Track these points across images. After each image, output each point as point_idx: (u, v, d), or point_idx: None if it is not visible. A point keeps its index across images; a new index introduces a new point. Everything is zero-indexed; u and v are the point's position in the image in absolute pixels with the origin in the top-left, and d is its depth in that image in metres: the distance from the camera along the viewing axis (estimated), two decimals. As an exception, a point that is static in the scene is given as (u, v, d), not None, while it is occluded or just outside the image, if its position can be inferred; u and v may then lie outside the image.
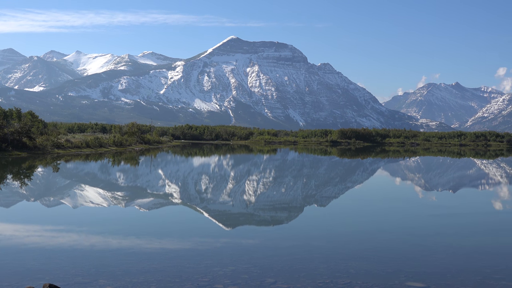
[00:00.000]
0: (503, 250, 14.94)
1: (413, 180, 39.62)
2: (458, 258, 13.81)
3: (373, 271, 12.40)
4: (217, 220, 19.14)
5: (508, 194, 31.04)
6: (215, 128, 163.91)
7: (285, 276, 11.89)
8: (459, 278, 11.97)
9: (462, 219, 20.82)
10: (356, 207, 23.56)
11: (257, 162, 57.55)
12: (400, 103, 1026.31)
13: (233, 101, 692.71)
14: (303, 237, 16.18)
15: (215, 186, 31.42)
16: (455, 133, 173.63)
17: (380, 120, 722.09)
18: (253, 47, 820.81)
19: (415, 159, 71.17)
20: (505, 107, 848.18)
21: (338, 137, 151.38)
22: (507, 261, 13.55)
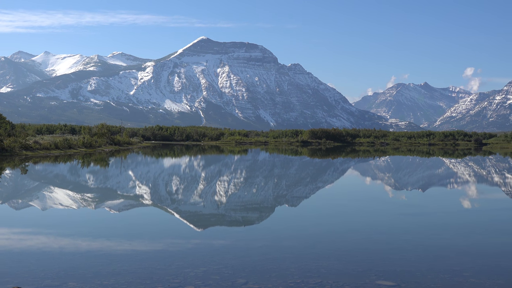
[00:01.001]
0: (472, 248, 15.14)
1: (383, 179, 39.94)
2: (428, 257, 13.94)
3: (344, 271, 12.47)
4: (188, 221, 19.08)
5: (476, 193, 31.46)
6: (185, 129, 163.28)
7: (256, 277, 11.89)
8: (429, 276, 12.09)
9: (432, 217, 21.04)
10: (327, 207, 23.67)
11: (228, 163, 57.52)
12: (370, 103, 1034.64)
13: (204, 102, 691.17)
14: (274, 238, 16.21)
15: (186, 187, 31.33)
16: (424, 133, 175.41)
17: (350, 120, 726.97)
18: (223, 47, 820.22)
19: (385, 159, 71.74)
20: (472, 107, 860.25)
21: (308, 137, 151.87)
22: (476, 259, 13.73)
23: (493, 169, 52.62)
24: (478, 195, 30.27)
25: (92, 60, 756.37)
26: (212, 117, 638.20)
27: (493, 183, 37.85)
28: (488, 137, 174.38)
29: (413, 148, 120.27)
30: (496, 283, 11.68)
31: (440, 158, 74.86)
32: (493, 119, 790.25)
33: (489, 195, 30.49)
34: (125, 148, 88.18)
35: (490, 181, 39.52)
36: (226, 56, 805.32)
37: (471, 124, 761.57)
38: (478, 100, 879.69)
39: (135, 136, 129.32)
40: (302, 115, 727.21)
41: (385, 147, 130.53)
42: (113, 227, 17.96)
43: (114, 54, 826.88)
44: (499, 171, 49.72)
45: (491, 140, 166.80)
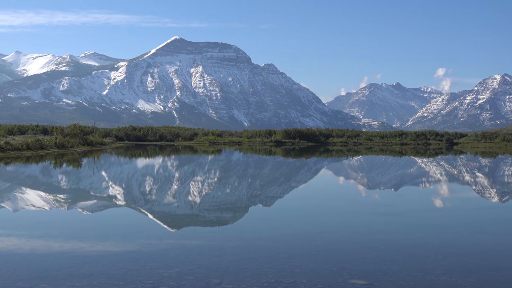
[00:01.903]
0: (443, 246, 15.30)
1: (356, 179, 40.18)
2: (400, 255, 14.08)
3: (318, 270, 12.53)
4: (161, 222, 19.02)
5: (447, 191, 31.81)
6: (159, 129, 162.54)
7: (230, 277, 11.90)
8: (401, 275, 12.20)
9: (404, 216, 21.24)
10: (300, 207, 23.75)
11: (201, 163, 57.42)
12: (343, 103, 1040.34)
13: (177, 102, 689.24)
14: (248, 238, 16.23)
15: (159, 188, 31.21)
16: (396, 133, 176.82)
17: (323, 120, 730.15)
18: (197, 47, 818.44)
19: (358, 158, 72.18)
20: (444, 107, 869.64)
21: (282, 137, 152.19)
22: (447, 257, 13.88)
23: (464, 168, 53.25)
24: (450, 194, 30.61)
25: (64, 60, 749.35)
26: (186, 117, 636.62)
27: (464, 182, 38.31)
28: (459, 136, 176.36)
29: (386, 148, 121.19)
30: (467, 281, 11.83)
31: (412, 158, 75.53)
32: (464, 119, 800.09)
33: (460, 194, 30.86)
34: (98, 148, 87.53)
35: (461, 180, 39.99)
36: (199, 56, 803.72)
37: (443, 123, 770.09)
38: (449, 100, 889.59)
39: (108, 137, 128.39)
40: (276, 115, 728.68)
41: (358, 146, 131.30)
42: (86, 228, 17.82)
43: (87, 54, 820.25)
44: (470, 170, 50.32)
45: (462, 139, 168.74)
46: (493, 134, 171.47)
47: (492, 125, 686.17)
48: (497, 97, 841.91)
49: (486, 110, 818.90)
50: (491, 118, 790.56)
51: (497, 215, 22.39)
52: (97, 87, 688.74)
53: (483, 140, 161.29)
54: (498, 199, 28.14)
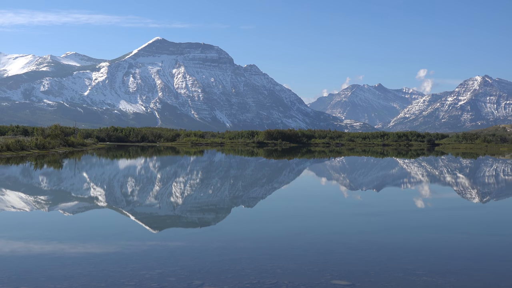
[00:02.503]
0: (424, 247, 15.38)
1: (338, 180, 40.30)
2: (382, 255, 14.13)
3: (300, 271, 12.54)
4: (143, 223, 18.93)
5: (429, 192, 31.99)
6: (141, 130, 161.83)
7: (212, 278, 11.87)
8: (383, 275, 12.25)
9: (386, 217, 21.32)
10: (282, 208, 23.76)
11: (184, 164, 57.28)
12: (325, 104, 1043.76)
13: (159, 103, 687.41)
14: (230, 239, 16.20)
15: (141, 189, 31.07)
16: (378, 134, 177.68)
17: (305, 121, 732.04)
18: (179, 48, 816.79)
19: (340, 159, 72.40)
20: (425, 108, 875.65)
21: (264, 138, 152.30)
22: (428, 257, 13.96)
23: (445, 169, 53.60)
24: (431, 195, 30.79)
25: (45, 60, 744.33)
26: (168, 118, 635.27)
27: (445, 183, 38.56)
28: (440, 137, 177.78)
29: (368, 149, 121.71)
30: (448, 281, 11.90)
31: (394, 159, 75.91)
32: (445, 120, 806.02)
33: (442, 195, 31.05)
34: (79, 149, 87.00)
35: (443, 181, 40.24)
36: (181, 57, 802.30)
37: (424, 125, 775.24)
38: (430, 101, 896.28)
39: (89, 138, 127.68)
40: (258, 116, 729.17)
41: (340, 147, 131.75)
42: (67, 230, 17.69)
43: (68, 54, 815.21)
44: (451, 171, 50.67)
45: (443, 140, 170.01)
46: (474, 135, 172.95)
47: (473, 126, 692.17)
48: (477, 98, 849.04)
49: (467, 111, 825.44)
50: (472, 119, 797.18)
51: (478, 215, 22.55)
52: (78, 88, 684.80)
53: (464, 141, 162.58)
54: (479, 199, 28.34)
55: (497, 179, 42.39)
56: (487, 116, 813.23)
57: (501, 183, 38.94)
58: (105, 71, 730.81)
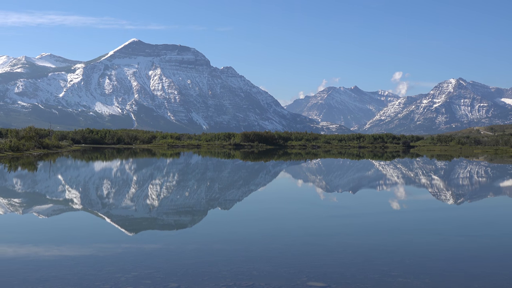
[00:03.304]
0: (400, 248, 15.50)
1: (314, 182, 40.43)
2: (358, 257, 14.20)
3: (276, 273, 12.56)
4: (119, 225, 18.82)
5: (404, 194, 32.22)
6: (117, 132, 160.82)
7: (188, 280, 11.85)
8: (359, 277, 12.32)
9: (362, 219, 21.43)
10: (259, 210, 23.78)
11: (160, 166, 57.05)
12: (301, 106, 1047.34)
13: (135, 105, 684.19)
14: (207, 241, 16.17)
15: (117, 191, 30.88)
16: (354, 136, 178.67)
17: (282, 123, 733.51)
18: (155, 50, 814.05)
19: (316, 161, 72.64)
20: (401, 110, 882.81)
21: (241, 140, 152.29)
22: (403, 259, 14.06)
23: (421, 171, 54.03)
24: (406, 196, 31.02)
25: (19, 62, 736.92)
26: (144, 120, 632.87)
27: (420, 185, 38.86)
28: (415, 139, 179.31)
29: (344, 151, 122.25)
30: (423, 282, 12.01)
31: (369, 161, 76.33)
32: (420, 122, 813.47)
33: (417, 197, 31.29)
34: (54, 151, 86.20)
35: (418, 183, 40.56)
36: (158, 59, 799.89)
37: (400, 127, 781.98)
38: (406, 104, 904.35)
39: (64, 140, 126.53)
40: (235, 118, 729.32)
41: (316, 149, 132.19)
42: (41, 233, 17.53)
43: (43, 55, 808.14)
44: (426, 173, 51.08)
45: (418, 142, 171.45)
46: (449, 137, 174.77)
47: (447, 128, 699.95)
48: (452, 101, 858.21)
49: (442, 114, 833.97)
50: (446, 122, 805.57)
51: (452, 217, 22.76)
52: (53, 89, 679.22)
53: (439, 143, 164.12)
54: (453, 201, 28.61)
55: (471, 180, 42.84)
56: (461, 118, 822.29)
57: (475, 184, 39.37)
58: (80, 72, 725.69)
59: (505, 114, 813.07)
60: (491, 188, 36.89)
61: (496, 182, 42.56)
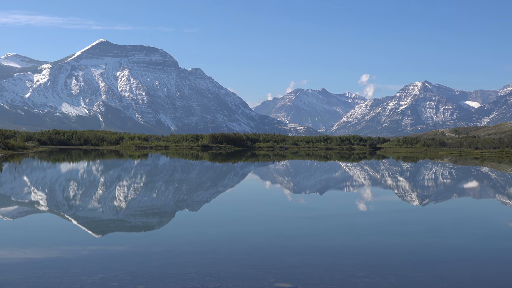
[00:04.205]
0: (366, 249, 15.66)
1: (282, 183, 40.56)
2: (324, 258, 14.31)
3: (243, 274, 12.60)
4: (86, 227, 18.67)
5: (370, 195, 32.51)
6: (84, 133, 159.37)
7: (155, 282, 11.82)
8: (325, 278, 12.42)
9: (329, 220, 21.58)
10: (227, 211, 23.77)
11: (127, 168, 56.67)
12: (269, 108, 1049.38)
13: (103, 106, 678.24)
14: (174, 243, 16.14)
15: (84, 193, 30.60)
16: (321, 137, 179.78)
17: (250, 124, 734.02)
18: (123, 50, 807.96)
19: (284, 163, 72.86)
20: (367, 112, 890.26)
21: (209, 142, 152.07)
22: (369, 260, 14.22)
23: (387, 173, 54.57)
24: (373, 197, 31.31)
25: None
26: (111, 121, 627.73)
27: (386, 186, 39.25)
28: (382, 141, 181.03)
29: (311, 152, 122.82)
30: (389, 283, 12.16)
31: (337, 162, 76.82)
32: (386, 124, 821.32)
33: (383, 198, 31.59)
34: (19, 153, 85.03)
35: (384, 184, 40.96)
36: (126, 60, 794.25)
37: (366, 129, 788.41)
38: (372, 106, 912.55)
39: (30, 141, 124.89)
40: (203, 119, 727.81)
41: (284, 151, 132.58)
42: (6, 235, 17.29)
43: (8, 55, 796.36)
44: (392, 175, 51.60)
45: (384, 144, 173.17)
46: (414, 139, 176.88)
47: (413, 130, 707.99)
48: (418, 103, 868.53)
49: (408, 116, 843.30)
50: (412, 124, 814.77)
51: (418, 218, 23.04)
52: (19, 90, 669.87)
53: (404, 145, 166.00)
54: (418, 202, 28.97)
55: (436, 182, 43.40)
56: (426, 120, 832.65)
57: (439, 186, 39.89)
58: (47, 73, 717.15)
59: (469, 117, 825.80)
60: (456, 190, 37.45)
61: (460, 184, 43.21)
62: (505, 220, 23.05)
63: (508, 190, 37.14)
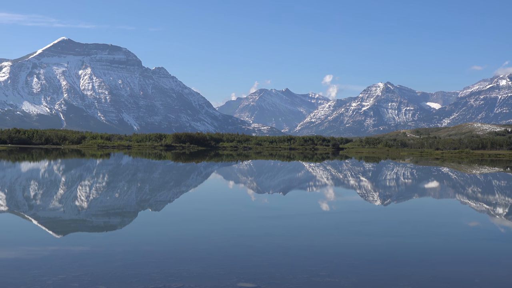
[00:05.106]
0: (328, 248, 15.78)
1: (245, 183, 40.59)
2: (287, 258, 14.38)
3: (206, 274, 12.59)
4: (46, 228, 18.43)
5: (334, 195, 32.74)
6: (45, 132, 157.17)
7: (117, 283, 11.74)
8: (288, 277, 12.48)
9: (291, 220, 21.67)
10: (189, 211, 23.71)
11: (89, 167, 56.08)
12: (233, 108, 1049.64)
13: (65, 104, 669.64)
14: (136, 243, 16.05)
15: (45, 192, 30.19)
16: (285, 137, 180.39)
17: (214, 124, 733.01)
18: (85, 49, 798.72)
19: (247, 163, 72.92)
20: (330, 113, 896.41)
21: (172, 141, 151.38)
22: (331, 259, 14.33)
23: (349, 173, 55.00)
24: (336, 197, 31.54)
25: None
26: (74, 120, 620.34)
27: (349, 186, 39.58)
28: (344, 142, 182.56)
29: (275, 152, 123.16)
30: (350, 281, 12.29)
31: (300, 162, 77.16)
32: (349, 125, 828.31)
33: (346, 198, 31.86)
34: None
35: (347, 184, 41.30)
36: (88, 58, 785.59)
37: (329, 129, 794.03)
38: (336, 107, 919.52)
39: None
40: (166, 119, 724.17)
41: (248, 151, 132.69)
42: (-36, 235, 16.99)
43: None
44: (354, 175, 52.04)
45: (347, 144, 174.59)
46: (376, 139, 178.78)
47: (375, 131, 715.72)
48: (380, 104, 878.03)
49: (370, 117, 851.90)
50: (374, 124, 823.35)
51: (379, 217, 23.30)
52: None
53: (367, 146, 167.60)
54: (380, 202, 29.29)
55: (398, 182, 43.93)
56: (388, 121, 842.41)
57: (401, 186, 40.38)
58: (7, 70, 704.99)
59: (430, 118, 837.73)
60: (416, 190, 37.94)
61: (421, 184, 43.80)
62: (464, 220, 23.45)
63: (467, 190, 37.78)
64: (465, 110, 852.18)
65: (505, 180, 48.82)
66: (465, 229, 20.65)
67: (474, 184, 43.34)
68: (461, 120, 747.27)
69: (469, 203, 29.80)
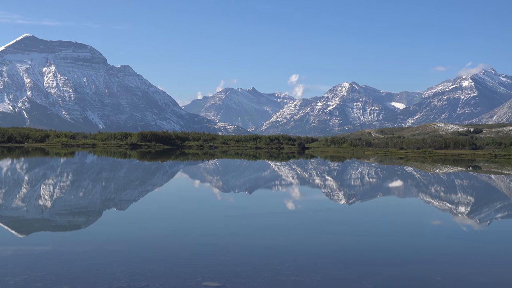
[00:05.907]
0: (292, 247, 15.88)
1: (211, 182, 40.57)
2: (252, 257, 14.44)
3: (171, 273, 12.58)
4: (8, 227, 18.18)
5: (299, 194, 32.91)
6: (7, 129, 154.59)
7: (81, 282, 11.66)
8: (253, 276, 12.54)
9: (257, 219, 21.73)
10: (155, 210, 23.62)
11: (53, 166, 55.42)
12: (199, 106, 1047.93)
13: (28, 102, 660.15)
14: (101, 242, 15.94)
15: (6, 191, 29.77)
16: (251, 137, 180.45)
17: (180, 123, 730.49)
18: (50, 46, 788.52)
19: (213, 162, 72.83)
20: (296, 112, 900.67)
21: (138, 140, 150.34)
22: (296, 258, 14.43)
23: (315, 172, 55.31)
24: (301, 196, 31.70)
25: None
26: (37, 118, 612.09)
27: (314, 185, 39.82)
28: (310, 141, 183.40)
29: (241, 152, 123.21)
30: (315, 280, 12.39)
31: (266, 161, 77.33)
32: (315, 124, 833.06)
33: (311, 197, 32.05)
34: None
35: (312, 183, 41.54)
36: (52, 55, 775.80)
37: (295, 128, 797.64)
38: (301, 106, 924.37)
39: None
40: (132, 117, 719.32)
41: (214, 150, 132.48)
42: None
43: None
44: (320, 174, 52.35)
45: (313, 144, 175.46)
46: (342, 139, 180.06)
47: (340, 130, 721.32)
48: (345, 104, 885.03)
49: (336, 116, 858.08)
50: (340, 124, 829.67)
51: (344, 216, 23.50)
52: None
53: (332, 145, 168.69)
54: (345, 201, 29.54)
55: (362, 181, 44.33)
56: (354, 121, 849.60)
57: (365, 185, 40.77)
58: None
59: (394, 118, 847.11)
60: (381, 189, 38.36)
61: (385, 183, 44.27)
62: (428, 218, 23.78)
63: (430, 189, 38.31)
64: (428, 110, 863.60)
65: (467, 179, 49.61)
66: (428, 228, 20.95)
67: (437, 183, 43.96)
68: (424, 120, 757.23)
69: (432, 202, 30.22)
